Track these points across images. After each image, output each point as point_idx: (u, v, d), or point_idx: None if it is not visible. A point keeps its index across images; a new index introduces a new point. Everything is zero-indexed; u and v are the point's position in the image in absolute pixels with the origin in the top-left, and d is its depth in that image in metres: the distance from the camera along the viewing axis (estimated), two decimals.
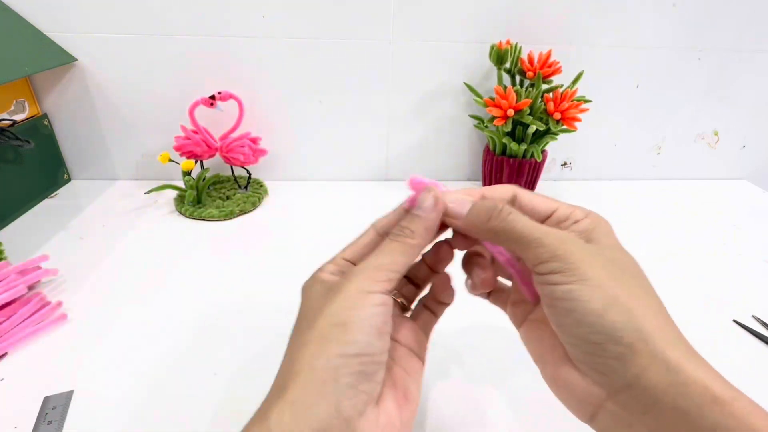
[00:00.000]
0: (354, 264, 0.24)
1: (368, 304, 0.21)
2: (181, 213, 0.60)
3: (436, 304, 0.28)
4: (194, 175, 0.60)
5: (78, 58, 0.60)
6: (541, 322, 0.25)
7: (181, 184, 0.61)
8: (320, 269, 0.24)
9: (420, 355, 0.26)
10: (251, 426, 0.20)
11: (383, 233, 0.25)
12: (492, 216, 0.23)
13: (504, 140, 0.61)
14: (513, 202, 0.25)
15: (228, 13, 0.59)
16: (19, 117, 0.59)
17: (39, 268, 0.45)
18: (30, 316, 0.40)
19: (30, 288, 0.43)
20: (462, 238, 0.26)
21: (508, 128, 0.60)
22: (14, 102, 0.58)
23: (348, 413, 0.19)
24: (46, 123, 0.63)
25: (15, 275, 0.42)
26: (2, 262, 0.42)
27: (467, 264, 0.27)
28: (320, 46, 0.62)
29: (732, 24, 0.66)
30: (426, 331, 0.28)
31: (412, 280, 0.29)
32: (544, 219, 0.25)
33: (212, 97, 0.59)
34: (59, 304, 0.42)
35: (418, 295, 0.29)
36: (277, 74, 0.64)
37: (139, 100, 0.64)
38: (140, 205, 0.62)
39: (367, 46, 0.63)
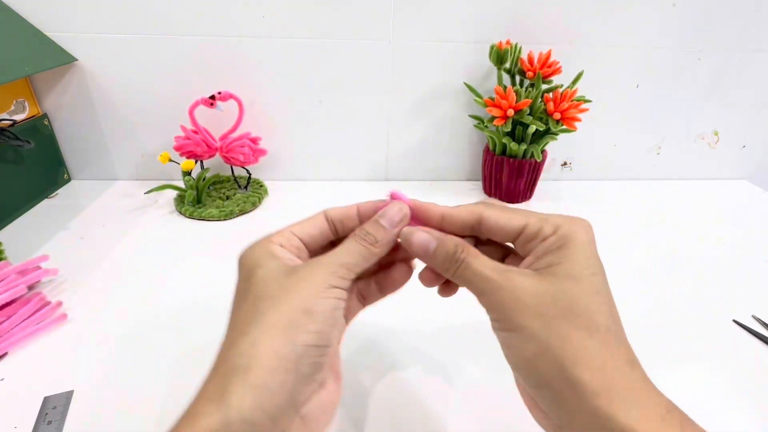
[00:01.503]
0: (304, 243, 0.25)
1: (332, 296, 0.22)
2: (181, 213, 0.60)
3: (374, 293, 0.28)
4: (194, 175, 0.60)
5: (78, 58, 0.60)
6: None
7: (181, 184, 0.61)
8: (269, 239, 0.24)
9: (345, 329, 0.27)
10: (204, 402, 0.19)
11: (333, 223, 0.26)
12: (449, 267, 0.24)
13: (504, 140, 0.61)
14: (479, 224, 0.24)
15: (228, 13, 0.59)
16: (19, 117, 0.59)
17: (39, 268, 0.45)
18: (30, 316, 0.40)
19: (30, 288, 0.43)
20: (431, 273, 0.26)
21: (508, 128, 0.60)
22: (14, 102, 0.58)
23: (299, 400, 0.20)
24: (46, 123, 0.63)
25: (15, 275, 0.42)
26: (2, 262, 0.42)
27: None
28: (320, 46, 0.62)
29: (732, 24, 0.66)
30: (356, 311, 0.28)
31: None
32: (514, 237, 0.24)
33: (212, 97, 0.59)
34: (59, 304, 0.42)
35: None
36: (277, 74, 0.64)
37: (139, 100, 0.64)
38: (140, 205, 0.62)
39: (367, 46, 0.63)
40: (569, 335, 0.20)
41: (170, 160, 0.59)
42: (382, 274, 0.27)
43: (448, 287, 0.27)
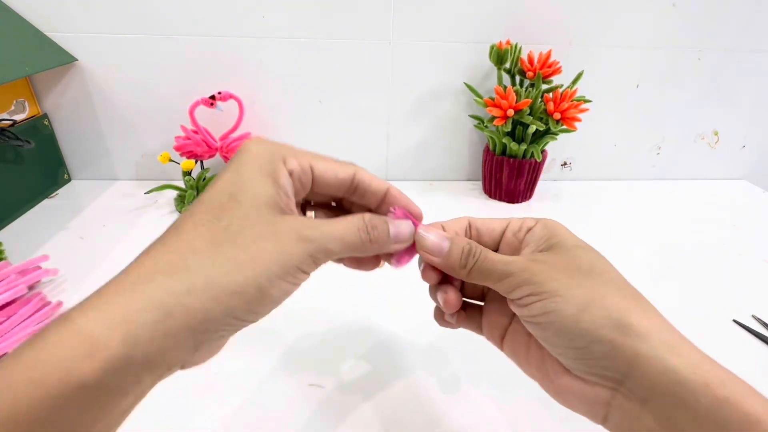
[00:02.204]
0: (313, 181, 0.23)
1: (292, 282, 0.20)
2: (181, 213, 0.60)
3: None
4: (194, 175, 0.60)
5: (78, 58, 0.60)
6: (521, 336, 0.25)
7: (181, 184, 0.61)
8: (284, 156, 0.22)
9: None
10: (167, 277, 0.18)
11: (356, 186, 0.24)
12: (468, 261, 0.23)
13: (504, 140, 0.61)
14: (470, 229, 0.27)
15: (228, 13, 0.59)
16: (19, 117, 0.59)
17: (39, 268, 0.45)
18: (30, 316, 0.40)
19: (30, 288, 0.43)
20: (432, 271, 0.26)
21: (508, 128, 0.60)
22: (14, 102, 0.58)
23: (200, 352, 0.19)
24: (46, 123, 0.63)
25: (15, 275, 0.42)
26: (2, 262, 0.42)
27: (432, 290, 0.27)
28: (320, 46, 0.62)
29: (732, 24, 0.66)
30: None
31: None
32: (500, 234, 0.26)
33: (212, 97, 0.59)
34: (59, 304, 0.42)
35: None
36: (277, 74, 0.64)
37: (139, 100, 0.64)
38: (140, 205, 0.62)
39: (367, 46, 0.63)
40: (604, 287, 0.21)
41: (170, 160, 0.59)
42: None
43: (466, 316, 0.27)
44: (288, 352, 0.39)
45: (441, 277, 0.26)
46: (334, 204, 0.27)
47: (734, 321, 0.44)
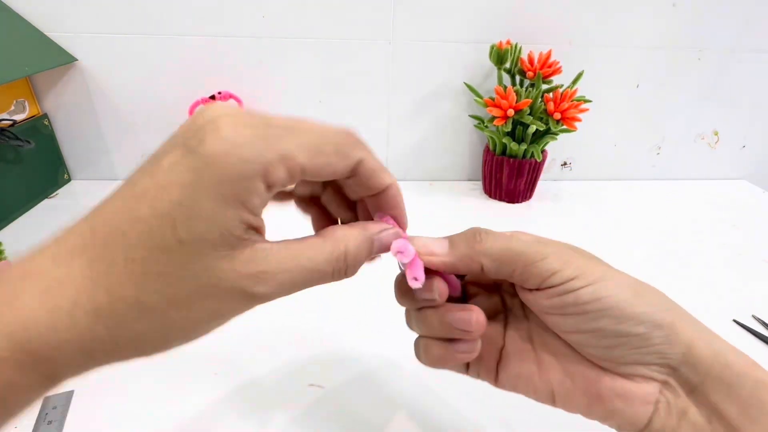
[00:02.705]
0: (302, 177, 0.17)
1: (246, 308, 0.17)
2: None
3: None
4: None
5: (78, 58, 0.60)
6: (524, 353, 0.22)
7: None
8: (271, 161, 0.15)
9: None
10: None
11: (361, 177, 0.20)
12: (472, 242, 0.21)
13: (504, 140, 0.61)
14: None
15: (228, 13, 0.59)
16: (19, 117, 0.59)
17: None
18: None
19: None
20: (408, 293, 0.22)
21: (508, 128, 0.60)
22: (14, 102, 0.58)
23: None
24: (46, 123, 0.63)
25: None
26: (2, 262, 0.42)
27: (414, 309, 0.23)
28: (320, 46, 0.62)
29: (732, 24, 0.66)
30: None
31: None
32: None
33: (212, 97, 0.59)
34: None
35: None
36: (277, 74, 0.64)
37: (139, 100, 0.64)
38: None
39: (367, 46, 0.63)
40: (613, 272, 0.20)
41: None
42: None
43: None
44: (288, 352, 0.38)
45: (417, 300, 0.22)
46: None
47: (734, 321, 0.44)
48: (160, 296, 0.15)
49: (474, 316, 0.21)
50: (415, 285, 0.20)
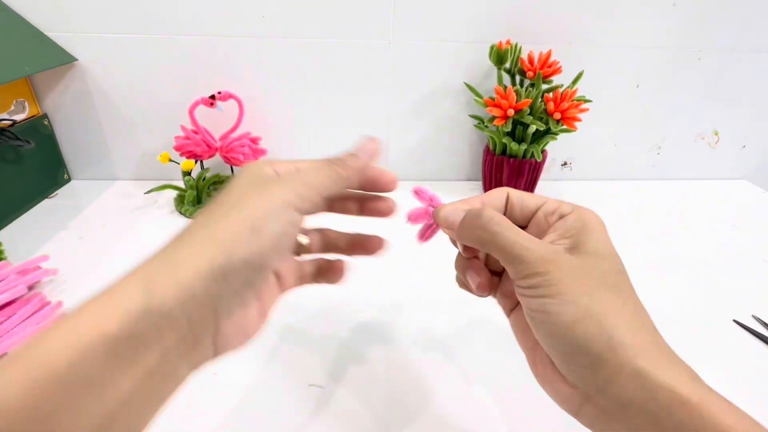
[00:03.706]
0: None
1: (285, 220, 0.21)
2: (181, 213, 0.60)
3: (323, 274, 0.29)
4: (194, 175, 0.60)
5: (78, 58, 0.60)
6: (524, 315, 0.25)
7: (181, 184, 0.61)
8: (273, 162, 0.24)
9: (286, 290, 0.27)
10: (132, 283, 0.19)
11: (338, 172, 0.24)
12: (475, 225, 0.23)
13: (504, 140, 0.61)
14: (506, 202, 0.26)
15: (228, 13, 0.59)
16: (19, 117, 0.59)
17: (39, 268, 0.45)
18: (30, 316, 0.40)
19: (30, 288, 0.43)
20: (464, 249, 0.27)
21: (508, 128, 0.60)
22: (14, 102, 0.58)
23: (220, 312, 0.20)
24: (46, 123, 0.63)
25: (15, 275, 0.42)
26: (2, 262, 0.42)
27: (461, 266, 0.28)
28: (320, 46, 0.62)
29: (732, 24, 0.66)
30: (302, 280, 0.28)
31: (328, 240, 0.29)
32: (533, 213, 0.26)
33: (212, 97, 0.59)
34: (59, 304, 0.42)
35: (319, 253, 0.29)
36: (277, 74, 0.64)
37: (139, 100, 0.64)
38: (140, 205, 0.62)
39: (367, 46, 0.63)
40: (609, 301, 0.21)
41: (170, 160, 0.59)
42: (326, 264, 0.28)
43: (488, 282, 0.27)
44: (288, 352, 0.39)
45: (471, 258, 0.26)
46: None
47: (734, 321, 0.44)
48: (228, 210, 0.21)
49: (478, 282, 0.26)
50: (419, 241, 0.28)
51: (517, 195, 0.26)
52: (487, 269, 0.27)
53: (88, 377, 0.16)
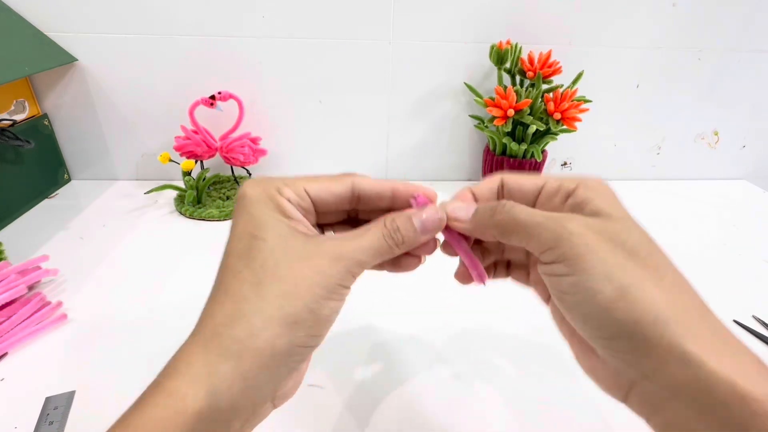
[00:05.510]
0: (314, 205, 0.22)
1: (339, 299, 0.21)
2: (181, 213, 0.60)
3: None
4: (194, 175, 0.60)
5: (78, 58, 0.60)
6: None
7: (181, 184, 0.61)
8: (277, 188, 0.21)
9: None
10: (189, 380, 0.18)
11: (359, 194, 0.23)
12: (496, 211, 0.22)
13: (504, 140, 0.61)
14: (502, 188, 0.25)
15: (228, 13, 0.59)
16: (19, 117, 0.59)
17: (39, 268, 0.45)
18: (30, 316, 0.40)
19: (30, 288, 0.43)
20: (451, 244, 0.25)
21: (508, 128, 0.60)
22: (14, 102, 0.58)
23: (280, 390, 0.21)
24: (46, 123, 0.63)
25: (15, 275, 0.41)
26: (2, 262, 0.42)
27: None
28: (320, 46, 0.62)
29: (732, 24, 0.66)
30: None
31: None
32: (534, 195, 0.24)
33: (212, 97, 0.59)
34: (59, 304, 0.42)
35: None
36: (277, 74, 0.64)
37: (139, 100, 0.64)
38: (140, 205, 0.62)
39: (367, 46, 0.63)
40: (645, 274, 0.18)
41: (170, 160, 0.59)
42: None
43: (512, 273, 0.26)
44: None
45: (460, 249, 0.25)
46: (350, 216, 0.26)
47: (734, 321, 0.44)
48: (277, 282, 0.20)
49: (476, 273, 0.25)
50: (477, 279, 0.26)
51: (513, 179, 0.24)
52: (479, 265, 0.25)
53: None
